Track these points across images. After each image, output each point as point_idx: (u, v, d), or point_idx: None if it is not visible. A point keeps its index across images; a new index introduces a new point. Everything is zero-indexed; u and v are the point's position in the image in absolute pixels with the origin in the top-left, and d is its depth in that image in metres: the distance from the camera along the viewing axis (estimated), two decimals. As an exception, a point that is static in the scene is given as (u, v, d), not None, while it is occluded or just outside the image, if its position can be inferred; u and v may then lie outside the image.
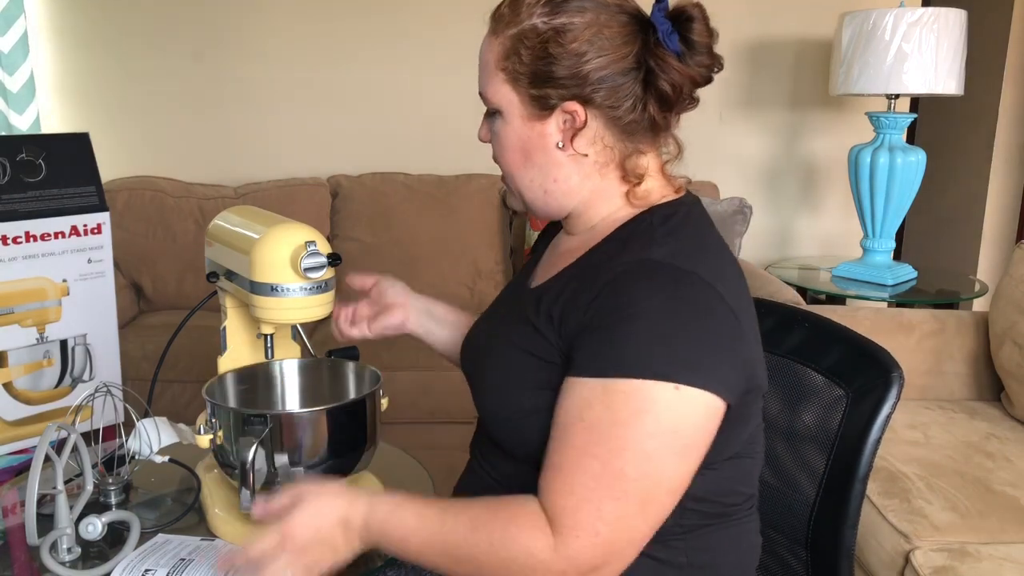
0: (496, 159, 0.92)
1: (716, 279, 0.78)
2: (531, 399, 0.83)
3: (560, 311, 0.82)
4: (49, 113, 2.86)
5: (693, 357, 0.75)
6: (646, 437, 0.73)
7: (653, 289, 0.77)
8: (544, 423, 0.80)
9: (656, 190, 0.88)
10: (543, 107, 0.85)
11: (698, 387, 0.74)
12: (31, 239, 1.22)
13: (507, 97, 0.86)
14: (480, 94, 0.89)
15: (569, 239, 0.94)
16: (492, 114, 0.90)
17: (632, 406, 0.73)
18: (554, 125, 0.86)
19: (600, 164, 0.87)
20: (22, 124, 2.71)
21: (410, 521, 0.80)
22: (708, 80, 0.86)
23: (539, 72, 0.83)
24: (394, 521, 0.80)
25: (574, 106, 0.84)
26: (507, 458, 0.90)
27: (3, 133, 2.67)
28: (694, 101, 0.87)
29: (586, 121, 0.84)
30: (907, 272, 2.61)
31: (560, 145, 0.86)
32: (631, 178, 0.87)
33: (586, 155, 0.86)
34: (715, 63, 0.85)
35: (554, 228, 1.04)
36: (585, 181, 0.88)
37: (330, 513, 0.81)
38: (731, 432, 0.81)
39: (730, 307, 0.78)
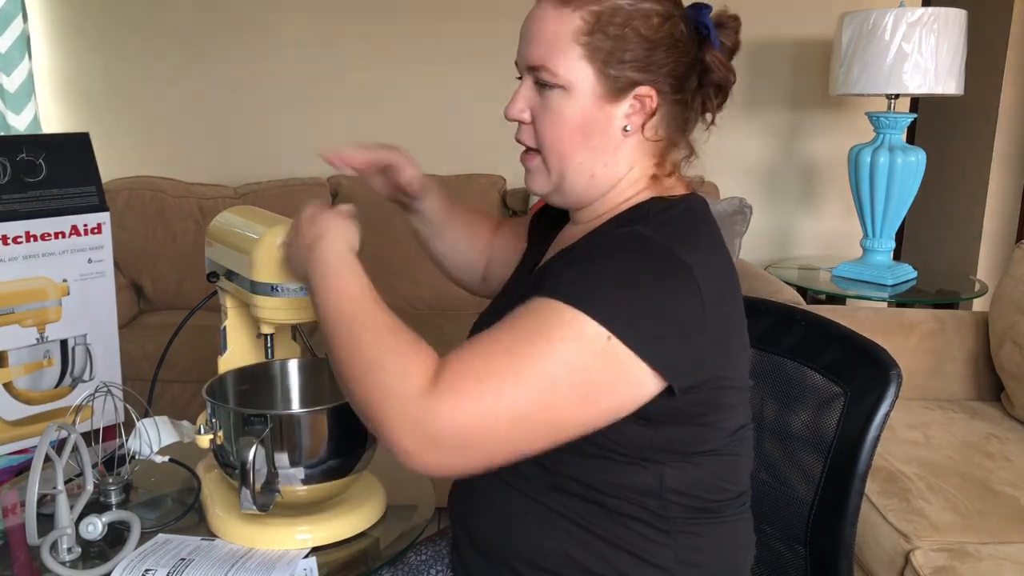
0: (540, 136, 0.88)
1: (697, 265, 0.78)
2: None
3: (556, 268, 0.84)
4: (48, 113, 2.86)
5: (640, 320, 0.75)
6: (558, 362, 0.73)
7: (629, 250, 0.79)
8: None
9: (676, 186, 0.91)
10: (618, 88, 0.85)
11: (630, 348, 0.74)
12: (31, 239, 1.22)
13: (581, 73, 0.84)
14: (535, 66, 0.86)
15: (574, 228, 0.95)
16: (545, 87, 0.86)
17: (562, 330, 0.74)
18: (623, 108, 0.86)
19: (647, 153, 0.89)
20: (19, 124, 2.71)
21: (353, 287, 0.84)
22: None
23: (620, 52, 0.84)
24: (346, 275, 0.85)
25: (648, 91, 0.85)
26: None
27: (1, 133, 2.67)
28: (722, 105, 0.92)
29: (657, 108, 0.86)
30: (907, 272, 2.61)
31: (627, 129, 0.87)
32: (667, 167, 0.90)
33: (655, 139, 0.88)
34: (733, 74, 0.91)
35: (550, 215, 1.05)
36: (629, 170, 0.89)
37: (326, 226, 0.90)
38: (700, 424, 0.82)
39: (701, 296, 0.77)
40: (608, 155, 0.88)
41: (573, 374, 0.74)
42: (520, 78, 0.90)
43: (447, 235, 1.16)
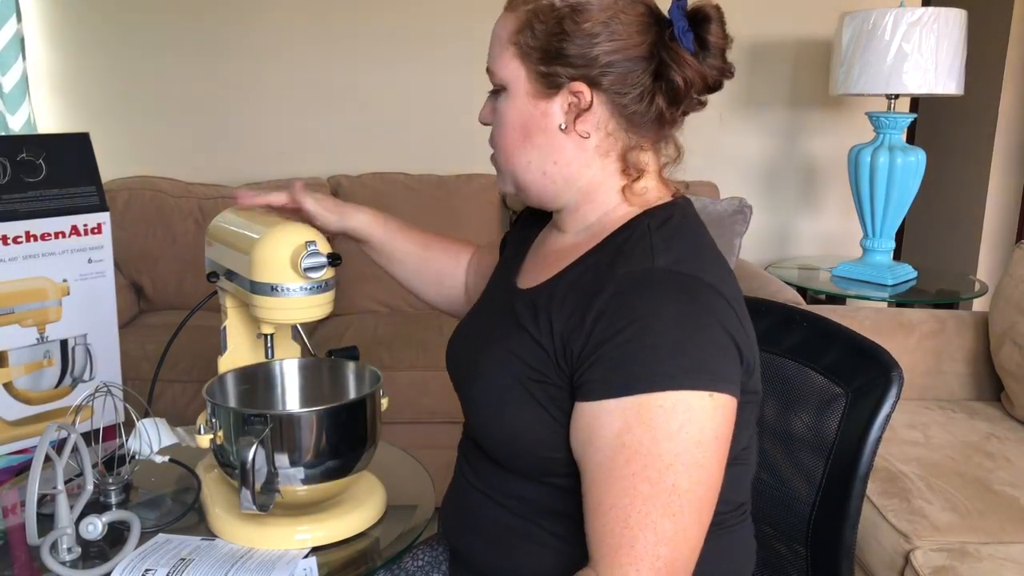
0: (493, 139, 0.90)
1: (718, 282, 0.78)
2: (526, 417, 0.81)
3: (562, 327, 0.80)
4: (47, 113, 2.86)
5: (714, 362, 0.74)
6: (694, 447, 0.72)
7: (662, 298, 0.75)
8: (538, 439, 0.80)
9: (653, 190, 0.88)
10: (550, 85, 0.84)
11: (723, 392, 0.74)
12: (31, 239, 1.22)
13: (515, 72, 0.85)
14: (488, 70, 0.89)
15: (560, 237, 0.93)
16: (497, 92, 0.89)
17: (675, 419, 0.72)
18: (558, 105, 0.85)
19: (601, 152, 0.86)
20: (15, 124, 2.71)
21: None
22: (719, 85, 0.86)
23: (550, 49, 0.83)
24: None
25: (580, 87, 0.83)
26: (495, 468, 0.89)
27: (1, 133, 2.67)
28: (702, 103, 0.87)
29: (591, 104, 0.83)
30: (907, 272, 2.61)
31: (563, 127, 0.85)
32: (631, 171, 0.86)
33: (587, 137, 0.85)
34: (727, 68, 0.85)
35: (533, 218, 1.03)
36: (584, 169, 0.87)
37: None
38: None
39: (734, 310, 0.78)
40: (555, 153, 0.86)
41: (708, 447, 0.73)
42: None
43: (397, 256, 1.17)
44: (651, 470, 0.71)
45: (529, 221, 1.04)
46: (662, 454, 0.71)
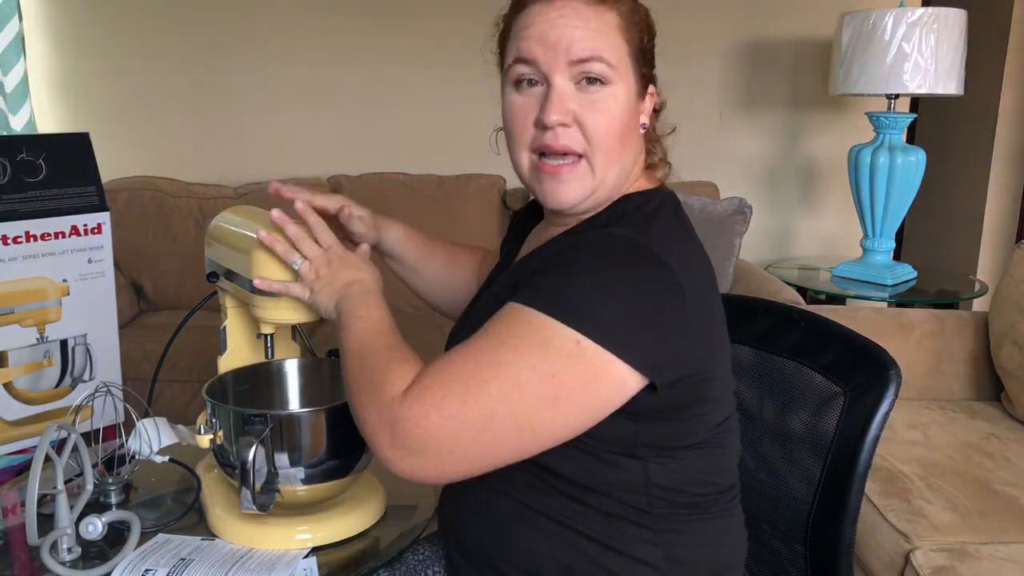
0: (590, 137, 0.83)
1: (675, 261, 0.78)
2: None
3: (519, 275, 0.84)
4: (47, 113, 2.86)
5: (614, 321, 0.74)
6: (524, 367, 0.74)
7: (603, 251, 0.78)
8: None
9: (641, 181, 0.92)
10: (643, 86, 0.86)
11: (604, 347, 0.73)
12: (31, 239, 1.22)
13: (627, 69, 0.84)
14: (585, 59, 0.81)
15: (551, 229, 0.95)
16: (592, 84, 0.82)
17: (528, 336, 0.75)
18: (643, 106, 0.88)
19: (639, 151, 0.90)
20: (16, 124, 2.71)
21: (375, 321, 0.88)
22: None
23: (645, 49, 0.85)
24: (374, 311, 0.90)
25: (653, 88, 0.89)
26: None
27: (1, 133, 2.67)
28: None
29: (662, 104, 0.90)
30: (907, 272, 2.61)
31: (645, 126, 0.88)
32: (656, 155, 0.92)
33: (659, 138, 0.91)
34: None
35: (526, 219, 1.05)
36: (635, 167, 0.90)
37: (360, 269, 0.96)
38: (685, 418, 0.82)
39: (683, 292, 0.77)
40: (633, 154, 0.88)
41: (540, 378, 0.73)
42: (535, 82, 0.84)
43: (425, 274, 1.17)
44: (483, 356, 0.75)
45: (522, 223, 1.06)
46: (497, 352, 0.75)
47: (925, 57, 2.30)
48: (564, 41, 0.81)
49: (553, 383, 0.74)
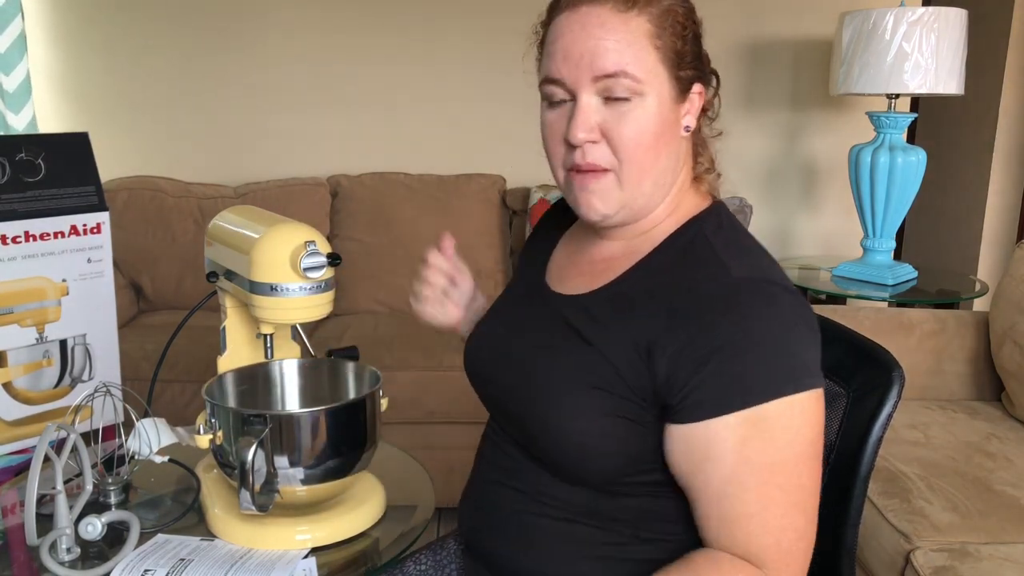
0: (619, 151, 0.81)
1: (782, 279, 0.79)
2: (597, 429, 0.79)
3: (643, 336, 0.78)
4: (48, 113, 2.86)
5: (808, 359, 0.76)
6: (809, 445, 0.75)
7: (752, 310, 0.76)
8: (608, 449, 0.79)
9: (690, 193, 0.89)
10: (683, 89, 0.83)
11: (820, 385, 0.77)
12: (31, 239, 1.22)
13: (659, 78, 0.80)
14: (611, 74, 0.78)
15: (607, 245, 0.90)
16: (618, 99, 0.79)
17: (790, 424, 0.74)
18: (685, 108, 0.84)
19: (686, 156, 0.88)
20: (18, 124, 2.71)
21: None
22: None
23: (682, 52, 0.82)
24: None
25: (700, 87, 0.84)
26: (534, 468, 0.87)
27: (1, 133, 2.67)
28: None
29: (710, 102, 0.86)
30: (907, 272, 2.61)
31: (688, 129, 0.85)
32: (693, 171, 0.88)
33: (705, 143, 0.88)
34: None
35: (553, 222, 1.02)
36: (679, 174, 0.87)
37: None
38: None
39: (800, 301, 0.79)
40: (672, 161, 0.84)
41: (818, 441, 0.76)
42: (557, 99, 0.83)
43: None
44: (780, 476, 0.74)
45: (548, 227, 1.03)
46: (786, 460, 0.74)
47: (925, 57, 2.30)
48: (588, 56, 0.78)
49: (822, 432, 0.77)
